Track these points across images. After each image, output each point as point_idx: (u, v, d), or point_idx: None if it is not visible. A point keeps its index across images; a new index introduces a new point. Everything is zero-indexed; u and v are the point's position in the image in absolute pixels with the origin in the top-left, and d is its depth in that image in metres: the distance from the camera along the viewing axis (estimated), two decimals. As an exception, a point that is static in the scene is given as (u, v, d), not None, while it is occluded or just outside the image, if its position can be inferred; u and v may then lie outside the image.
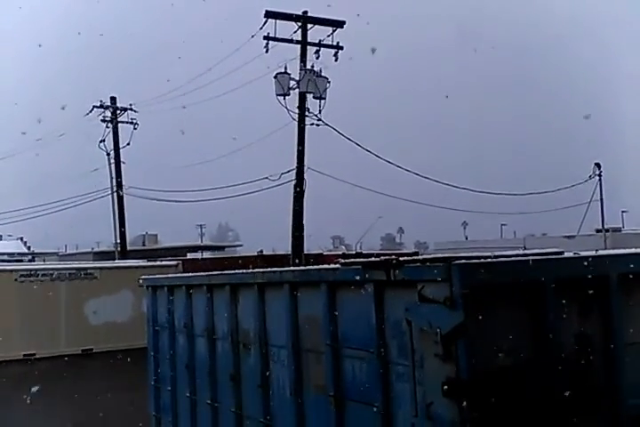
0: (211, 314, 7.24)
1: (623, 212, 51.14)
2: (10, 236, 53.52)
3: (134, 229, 37.59)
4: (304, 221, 23.22)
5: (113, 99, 30.56)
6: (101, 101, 30.28)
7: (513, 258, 4.12)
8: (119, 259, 27.73)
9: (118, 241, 30.43)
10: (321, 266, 5.78)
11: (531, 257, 4.17)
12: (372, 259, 4.58)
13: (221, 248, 50.96)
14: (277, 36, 23.02)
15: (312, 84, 22.86)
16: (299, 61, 23.33)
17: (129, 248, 31.59)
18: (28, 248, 55.70)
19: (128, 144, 30.13)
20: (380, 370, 4.53)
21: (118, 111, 30.20)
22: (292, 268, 6.84)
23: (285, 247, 25.26)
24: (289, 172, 23.49)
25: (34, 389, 11.67)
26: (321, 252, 33.27)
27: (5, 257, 42.64)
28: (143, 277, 9.56)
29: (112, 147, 30.09)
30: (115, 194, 30.02)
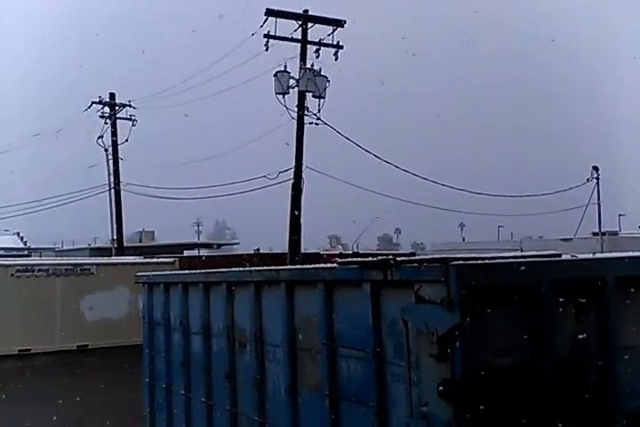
0: (207, 312, 7.23)
1: (620, 215, 51.16)
2: (6, 231, 53.40)
3: (131, 226, 37.62)
4: (301, 220, 23.22)
5: (112, 95, 30.53)
6: (100, 97, 30.26)
7: (510, 260, 4.13)
8: (116, 255, 27.72)
9: (115, 237, 30.40)
10: (318, 265, 5.78)
11: (528, 259, 4.18)
12: (370, 259, 4.58)
13: (218, 246, 50.89)
14: (278, 34, 23.02)
15: (311, 83, 22.85)
16: (299, 60, 23.32)
17: (126, 245, 31.56)
18: (25, 243, 55.60)
19: (126, 140, 30.15)
20: (375, 370, 4.53)
21: (117, 107, 30.17)
22: (288, 266, 6.85)
23: (282, 246, 25.23)
24: (287, 170, 23.50)
25: None
26: (318, 251, 33.28)
27: (1, 252, 42.56)
28: (139, 273, 9.56)
29: (110, 143, 30.07)
30: (112, 190, 30.00)
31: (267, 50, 23.20)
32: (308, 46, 23.39)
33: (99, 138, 29.90)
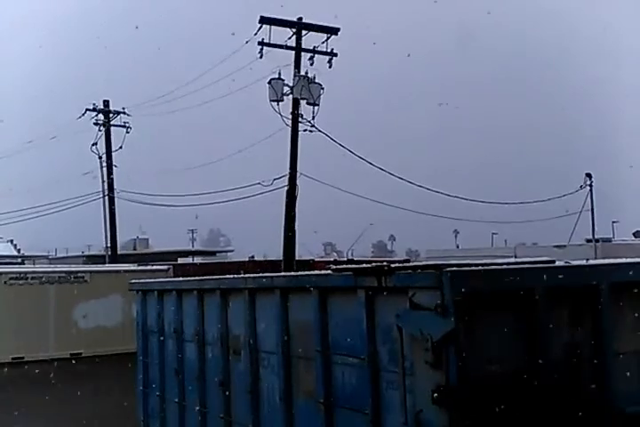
0: (201, 319, 7.21)
1: (614, 222, 51.33)
2: (0, 238, 53.20)
3: (125, 234, 37.50)
4: (296, 228, 23.19)
5: (106, 102, 30.49)
6: (94, 104, 30.20)
7: (504, 266, 4.13)
8: (110, 263, 27.60)
9: (109, 245, 30.29)
10: (312, 272, 5.77)
11: (522, 265, 4.19)
12: (364, 265, 4.58)
13: (213, 253, 50.80)
14: (272, 41, 23.05)
15: (306, 91, 22.86)
16: (293, 67, 23.36)
17: (120, 252, 31.42)
18: (18, 251, 55.36)
19: (120, 148, 30.03)
20: (370, 377, 4.52)
21: (111, 115, 30.10)
22: (283, 273, 6.83)
23: (277, 253, 25.21)
24: (281, 177, 23.46)
25: None
26: (312, 258, 33.23)
27: (-5, 260, 42.34)
28: (133, 281, 9.53)
29: (104, 150, 30.00)
30: (106, 197, 29.91)
31: (261, 57, 23.22)
32: (303, 54, 23.43)
33: (92, 145, 29.80)
